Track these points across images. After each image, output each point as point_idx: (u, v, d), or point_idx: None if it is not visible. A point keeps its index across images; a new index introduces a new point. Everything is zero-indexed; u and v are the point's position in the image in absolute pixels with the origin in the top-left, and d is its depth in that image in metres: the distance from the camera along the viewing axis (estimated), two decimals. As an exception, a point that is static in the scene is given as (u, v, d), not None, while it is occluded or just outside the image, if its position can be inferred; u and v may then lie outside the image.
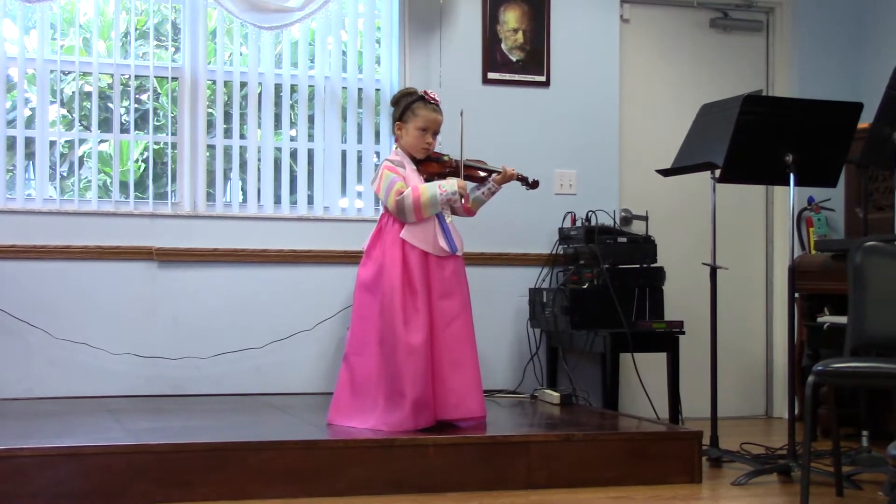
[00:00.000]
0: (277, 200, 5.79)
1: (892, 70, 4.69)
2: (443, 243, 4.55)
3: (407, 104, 4.65)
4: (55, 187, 5.62)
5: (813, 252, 5.97)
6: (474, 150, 4.93)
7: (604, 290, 5.44)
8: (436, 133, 4.68)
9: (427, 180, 4.65)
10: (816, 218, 6.19)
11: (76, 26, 5.68)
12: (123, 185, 5.66)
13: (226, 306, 5.62)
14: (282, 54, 5.88)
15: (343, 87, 5.89)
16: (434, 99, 4.67)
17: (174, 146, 5.67)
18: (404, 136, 4.66)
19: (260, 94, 5.78)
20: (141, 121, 5.83)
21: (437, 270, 4.54)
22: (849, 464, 4.59)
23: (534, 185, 4.83)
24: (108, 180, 5.75)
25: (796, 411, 4.85)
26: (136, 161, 5.94)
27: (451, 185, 4.56)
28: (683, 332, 5.47)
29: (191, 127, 5.66)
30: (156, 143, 5.80)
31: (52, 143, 5.62)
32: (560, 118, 6.07)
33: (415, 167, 4.65)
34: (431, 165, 4.69)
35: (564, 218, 5.95)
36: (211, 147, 5.75)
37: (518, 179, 4.78)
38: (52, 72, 5.57)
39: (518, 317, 5.95)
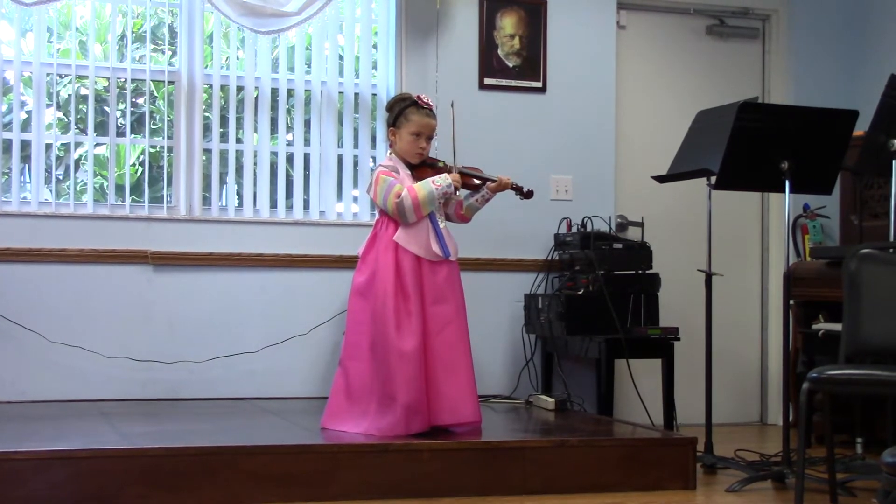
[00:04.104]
0: (273, 205, 5.79)
1: (888, 77, 4.69)
2: (435, 247, 4.54)
3: (400, 109, 4.64)
4: (51, 190, 5.61)
5: (808, 259, 5.97)
6: (470, 156, 4.93)
7: (599, 296, 5.44)
8: (430, 138, 4.67)
9: (421, 186, 4.65)
10: (812, 225, 6.20)
11: (73, 29, 5.67)
12: (119, 189, 5.66)
13: (221, 310, 5.62)
14: (278, 58, 5.88)
15: (340, 92, 5.89)
16: (427, 104, 4.66)
17: (170, 150, 5.67)
18: (398, 142, 4.65)
19: (256, 99, 5.79)
20: (137, 124, 5.82)
21: (429, 275, 4.53)
22: (843, 471, 4.59)
23: (528, 194, 4.81)
24: (104, 184, 5.74)
25: (791, 418, 4.85)
26: (133, 165, 5.94)
27: (444, 179, 4.57)
28: (678, 339, 5.46)
29: (187, 131, 5.66)
30: (152, 146, 5.80)
31: (48, 147, 5.61)
32: (556, 124, 6.07)
33: (409, 173, 4.64)
34: (426, 171, 4.66)
35: (560, 224, 5.95)
36: (207, 151, 5.74)
37: (512, 188, 4.77)
38: (48, 75, 5.56)
39: (513, 322, 5.95)
